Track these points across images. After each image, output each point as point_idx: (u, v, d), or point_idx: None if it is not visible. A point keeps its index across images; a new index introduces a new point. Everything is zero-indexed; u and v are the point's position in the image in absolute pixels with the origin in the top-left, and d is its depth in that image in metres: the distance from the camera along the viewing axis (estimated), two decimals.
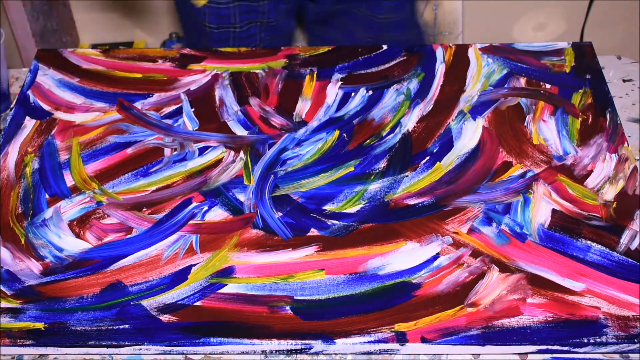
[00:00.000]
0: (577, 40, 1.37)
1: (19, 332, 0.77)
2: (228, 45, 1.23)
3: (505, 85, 1.01)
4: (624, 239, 0.83)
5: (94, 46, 1.91)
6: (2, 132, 0.98)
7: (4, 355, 0.78)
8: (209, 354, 0.77)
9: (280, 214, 0.87)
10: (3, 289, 0.81)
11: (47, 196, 0.90)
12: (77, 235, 0.86)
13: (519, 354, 0.76)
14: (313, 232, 0.85)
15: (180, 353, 0.77)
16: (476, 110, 0.98)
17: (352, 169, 0.92)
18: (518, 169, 0.90)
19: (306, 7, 1.29)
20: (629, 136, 0.97)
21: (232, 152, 0.94)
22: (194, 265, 0.83)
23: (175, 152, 0.95)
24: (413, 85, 1.02)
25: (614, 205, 0.87)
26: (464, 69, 1.04)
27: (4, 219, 0.88)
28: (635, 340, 0.75)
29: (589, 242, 0.83)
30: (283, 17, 1.25)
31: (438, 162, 0.92)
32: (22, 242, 0.86)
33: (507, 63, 1.04)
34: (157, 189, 0.91)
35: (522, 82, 1.01)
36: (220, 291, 0.80)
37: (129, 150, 0.95)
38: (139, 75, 1.05)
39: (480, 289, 0.79)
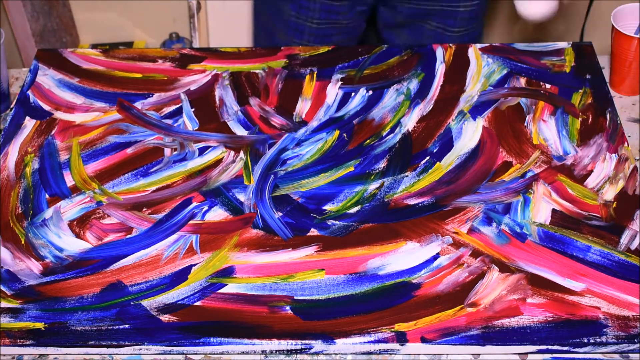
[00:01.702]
0: (577, 40, 1.37)
1: (19, 332, 0.77)
2: (303, 39, 1.23)
3: (505, 85, 1.01)
4: (624, 239, 0.83)
5: (94, 46, 1.91)
6: (2, 132, 0.98)
7: (4, 355, 0.78)
8: (209, 354, 0.77)
9: (280, 214, 0.87)
10: (3, 289, 0.81)
11: (47, 196, 0.90)
12: (77, 235, 0.86)
13: (519, 354, 0.76)
14: (313, 232, 0.85)
15: (180, 353, 0.77)
16: (476, 110, 0.98)
17: (352, 169, 0.92)
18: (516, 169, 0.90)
19: (380, 12, 1.28)
20: (629, 136, 0.97)
21: (232, 152, 0.94)
22: (194, 265, 0.83)
23: (175, 152, 0.95)
24: (413, 85, 1.02)
25: (614, 205, 0.87)
26: (464, 69, 1.04)
27: (4, 219, 0.88)
28: (635, 340, 0.75)
29: (588, 242, 0.83)
30: (357, 19, 1.24)
31: (438, 162, 0.92)
32: (22, 242, 0.85)
33: (507, 63, 1.04)
34: (157, 189, 0.91)
35: (522, 82, 1.01)
36: (220, 291, 0.80)
37: (129, 150, 0.95)
38: (139, 75, 1.05)
39: (480, 289, 0.79)
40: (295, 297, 0.79)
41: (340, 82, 1.03)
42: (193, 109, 1.00)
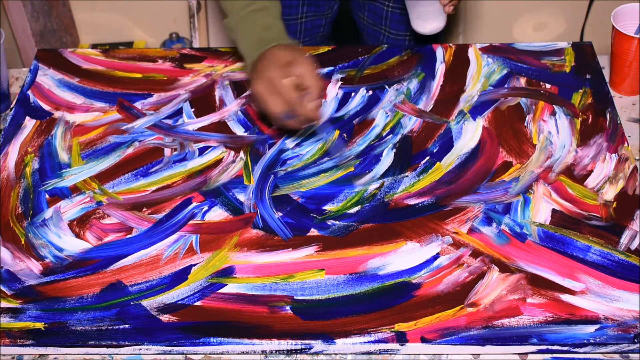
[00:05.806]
0: (577, 40, 1.37)
1: (19, 332, 0.77)
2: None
3: (505, 85, 1.01)
4: (624, 239, 0.83)
5: (94, 46, 1.91)
6: (2, 132, 0.98)
7: (4, 355, 0.78)
8: (209, 354, 0.77)
9: (280, 214, 0.87)
10: (3, 289, 0.81)
11: (47, 196, 0.90)
12: (77, 235, 0.86)
13: (519, 354, 0.76)
14: (313, 232, 0.85)
15: (180, 353, 0.77)
16: (476, 110, 0.98)
17: (352, 169, 0.92)
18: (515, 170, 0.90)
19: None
20: (629, 136, 0.97)
21: (232, 152, 0.94)
22: (194, 265, 0.83)
23: (175, 152, 0.95)
24: (413, 85, 1.02)
25: (614, 205, 0.87)
26: (464, 69, 1.04)
27: (4, 219, 0.88)
28: (635, 340, 0.75)
29: (588, 242, 0.83)
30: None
31: (438, 162, 0.92)
32: (22, 242, 0.85)
33: (507, 63, 1.04)
34: (157, 189, 0.91)
35: (522, 82, 1.01)
36: (220, 291, 0.80)
37: (129, 150, 0.95)
38: (139, 75, 1.05)
39: (480, 289, 0.79)
40: (295, 297, 0.79)
41: (340, 82, 1.03)
42: (193, 109, 1.00)
